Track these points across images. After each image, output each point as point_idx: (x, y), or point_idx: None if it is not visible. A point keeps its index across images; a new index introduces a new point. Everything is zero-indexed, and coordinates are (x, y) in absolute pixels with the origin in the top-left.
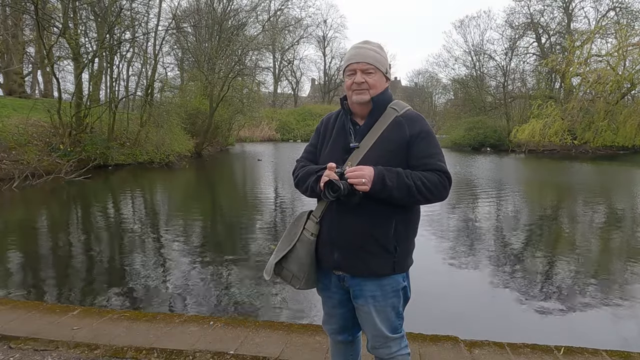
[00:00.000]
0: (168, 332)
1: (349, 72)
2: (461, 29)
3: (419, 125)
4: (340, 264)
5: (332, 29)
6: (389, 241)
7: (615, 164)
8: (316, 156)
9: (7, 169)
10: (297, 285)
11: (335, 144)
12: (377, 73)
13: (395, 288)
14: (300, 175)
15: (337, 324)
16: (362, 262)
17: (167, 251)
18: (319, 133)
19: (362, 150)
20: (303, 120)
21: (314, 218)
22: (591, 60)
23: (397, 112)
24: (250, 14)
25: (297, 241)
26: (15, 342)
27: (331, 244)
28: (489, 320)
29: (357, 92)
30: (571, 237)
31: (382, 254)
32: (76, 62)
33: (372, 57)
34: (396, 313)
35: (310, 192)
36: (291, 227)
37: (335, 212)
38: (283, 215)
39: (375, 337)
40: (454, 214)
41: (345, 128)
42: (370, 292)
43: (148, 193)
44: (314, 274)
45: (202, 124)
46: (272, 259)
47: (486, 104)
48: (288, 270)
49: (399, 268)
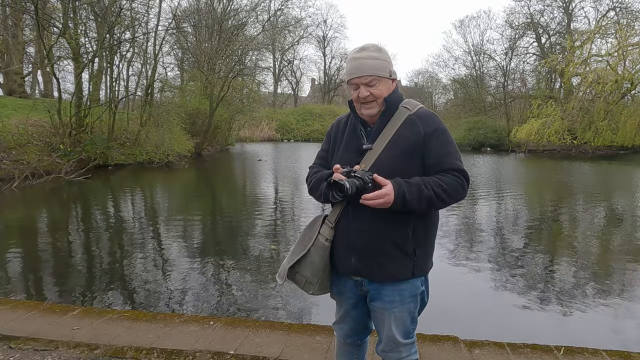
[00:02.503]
0: (168, 332)
1: (352, 85)
2: (461, 29)
3: (434, 123)
4: (358, 269)
5: (332, 29)
6: (408, 244)
7: (615, 163)
8: (328, 161)
9: (7, 169)
10: (310, 290)
11: (347, 147)
12: (380, 81)
13: (413, 293)
14: (313, 182)
15: (349, 325)
16: (380, 266)
17: (167, 251)
18: (330, 138)
19: (375, 151)
20: (303, 120)
21: (329, 223)
22: (591, 60)
23: (409, 110)
24: (250, 14)
25: (311, 246)
26: (15, 342)
27: (348, 248)
28: (489, 320)
29: (365, 107)
30: (571, 237)
31: (401, 257)
32: (76, 62)
33: (371, 67)
34: (412, 318)
35: (323, 198)
36: (306, 232)
37: (352, 216)
38: (283, 215)
39: (388, 341)
40: (454, 214)
41: (356, 130)
42: (389, 297)
43: (148, 193)
44: (328, 280)
45: (202, 124)
46: (286, 263)
47: (486, 104)
48: (301, 275)
49: (418, 271)
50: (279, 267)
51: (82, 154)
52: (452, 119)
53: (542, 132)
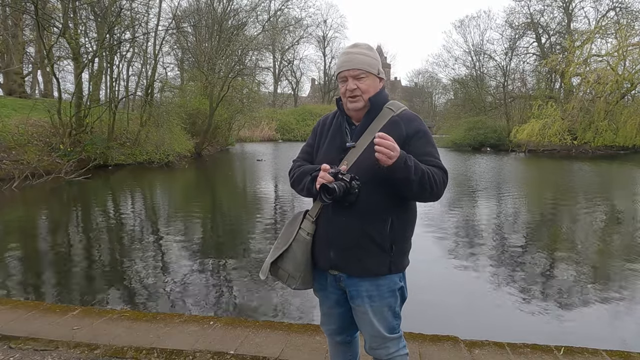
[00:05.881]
0: (168, 332)
1: (341, 79)
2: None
3: (416, 124)
4: (336, 263)
5: (332, 29)
6: (385, 240)
7: (615, 163)
8: (312, 156)
9: (7, 169)
10: (293, 285)
11: (331, 143)
12: (368, 77)
13: (391, 288)
14: (296, 175)
15: (335, 324)
16: (357, 261)
17: (167, 251)
18: (316, 133)
19: (358, 149)
20: (303, 120)
21: (310, 217)
22: (591, 60)
23: (393, 112)
24: (250, 14)
25: (293, 240)
26: (15, 342)
27: (327, 243)
28: (489, 320)
29: (351, 100)
30: (571, 237)
31: (378, 253)
32: (76, 62)
33: (361, 62)
34: (393, 313)
35: (306, 192)
36: (287, 227)
37: (331, 211)
38: (283, 215)
39: (373, 338)
40: (453, 214)
41: (341, 128)
42: (367, 291)
43: (148, 193)
44: (310, 274)
45: (202, 124)
46: (268, 259)
47: (486, 104)
48: (284, 270)
49: (395, 268)
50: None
51: (82, 154)
52: (452, 119)
53: (544, 132)
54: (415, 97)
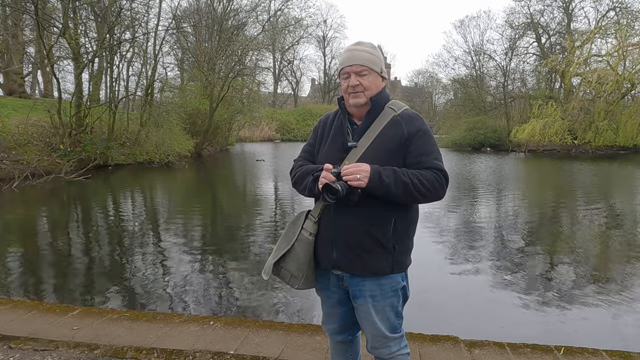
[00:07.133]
0: (168, 332)
1: (344, 75)
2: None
3: (417, 124)
4: (338, 263)
5: (332, 29)
6: (388, 239)
7: (615, 163)
8: (314, 155)
9: (7, 169)
10: (295, 285)
11: (333, 143)
12: (371, 74)
13: (394, 287)
14: (297, 174)
15: (337, 323)
16: (360, 260)
17: (167, 251)
18: (317, 133)
19: (360, 149)
20: (303, 120)
21: (312, 217)
22: (591, 60)
23: (394, 111)
24: (250, 14)
25: (295, 240)
26: (15, 342)
27: (330, 242)
28: (489, 320)
29: (353, 96)
30: (571, 237)
31: (380, 253)
32: (76, 62)
33: (365, 59)
34: (395, 313)
35: (308, 191)
36: (290, 227)
37: (334, 211)
38: (283, 215)
39: (375, 337)
40: (454, 214)
41: (343, 127)
42: (369, 291)
43: (148, 193)
44: (313, 274)
45: (202, 124)
46: (271, 259)
47: (486, 104)
48: (286, 270)
49: (397, 267)
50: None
51: (82, 154)
52: (452, 119)
53: (544, 132)
54: (415, 97)
